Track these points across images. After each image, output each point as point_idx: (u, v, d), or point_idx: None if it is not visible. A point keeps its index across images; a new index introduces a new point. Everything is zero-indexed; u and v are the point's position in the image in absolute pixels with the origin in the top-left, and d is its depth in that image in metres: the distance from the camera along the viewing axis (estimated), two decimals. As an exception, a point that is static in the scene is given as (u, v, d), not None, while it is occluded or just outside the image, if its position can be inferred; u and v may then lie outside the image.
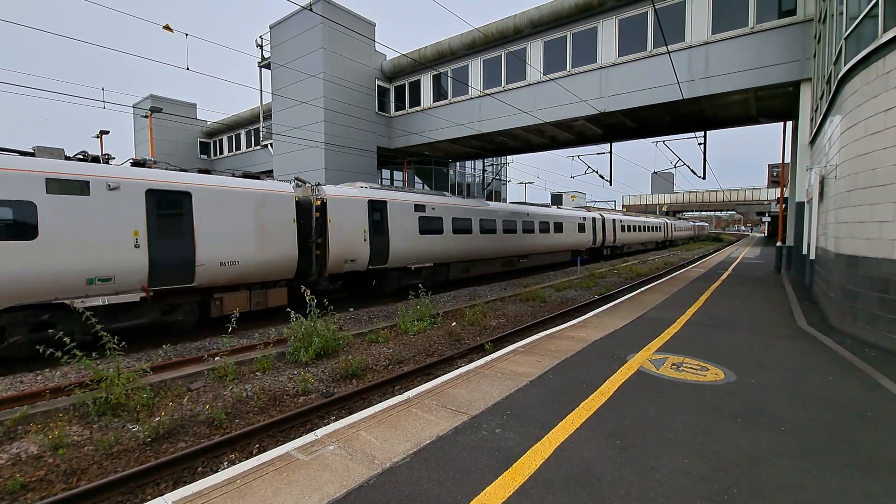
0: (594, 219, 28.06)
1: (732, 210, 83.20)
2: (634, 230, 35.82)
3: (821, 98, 10.18)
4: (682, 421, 3.77)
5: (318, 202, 11.06)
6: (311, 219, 10.88)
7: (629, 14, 14.73)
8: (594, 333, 6.99)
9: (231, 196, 9.21)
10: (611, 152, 20.88)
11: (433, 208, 14.38)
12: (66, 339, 5.42)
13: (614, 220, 31.58)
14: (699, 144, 18.78)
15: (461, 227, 15.67)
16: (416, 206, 13.73)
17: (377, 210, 12.46)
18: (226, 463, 4.36)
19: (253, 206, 9.47)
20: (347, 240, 11.47)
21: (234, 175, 10.06)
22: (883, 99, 6.06)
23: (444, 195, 16.32)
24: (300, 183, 11.38)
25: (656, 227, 42.19)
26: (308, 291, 8.28)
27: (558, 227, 22.98)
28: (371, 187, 13.23)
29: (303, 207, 10.73)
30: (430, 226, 14.20)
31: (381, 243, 12.43)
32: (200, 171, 9.50)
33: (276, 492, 2.81)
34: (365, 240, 11.91)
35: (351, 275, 12.21)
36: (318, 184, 11.60)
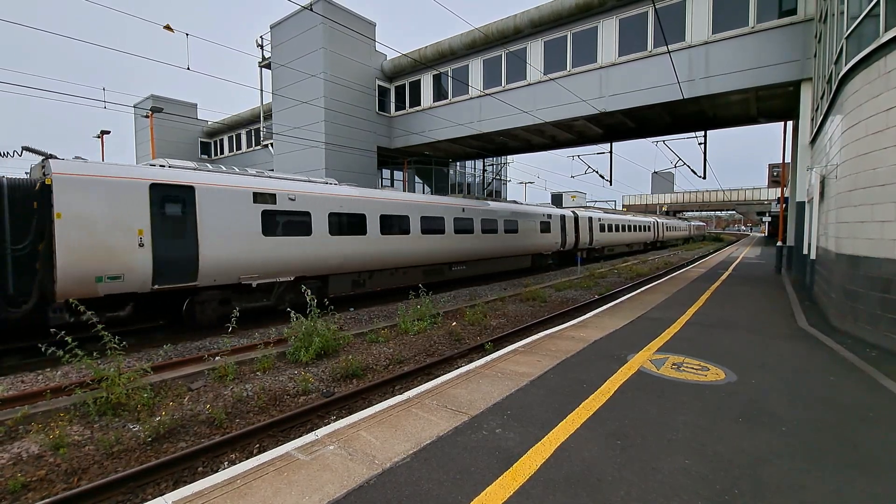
0: (563, 216, 23.86)
1: (733, 210, 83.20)
2: (617, 230, 31.69)
3: (821, 98, 10.17)
4: (683, 421, 3.77)
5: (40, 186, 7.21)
6: (28, 212, 7.15)
7: (629, 14, 14.71)
8: (594, 333, 6.99)
9: None
10: (611, 152, 20.87)
11: (292, 199, 10.28)
12: (68, 339, 5.42)
13: (590, 218, 27.60)
14: (699, 144, 18.77)
15: (347, 224, 11.57)
16: (256, 195, 9.62)
17: (173, 200, 8.45)
18: (226, 463, 4.37)
19: None
20: (99, 245, 7.52)
21: None
22: (884, 98, 6.05)
23: (329, 183, 12.44)
24: (45, 159, 7.50)
25: (644, 226, 38.22)
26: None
27: (511, 227, 18.92)
28: (170, 165, 9.21)
29: (10, 193, 7.06)
30: (284, 224, 10.19)
31: (180, 250, 8.45)
32: None
33: (276, 492, 2.81)
34: (141, 245, 7.93)
35: (128, 298, 8.07)
36: (51, 156, 7.45)
